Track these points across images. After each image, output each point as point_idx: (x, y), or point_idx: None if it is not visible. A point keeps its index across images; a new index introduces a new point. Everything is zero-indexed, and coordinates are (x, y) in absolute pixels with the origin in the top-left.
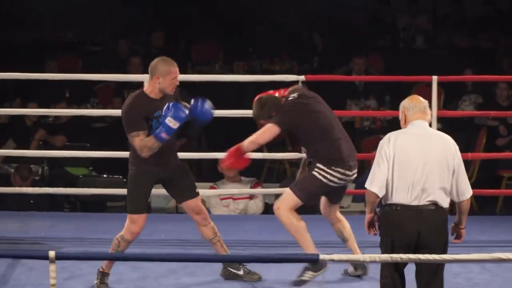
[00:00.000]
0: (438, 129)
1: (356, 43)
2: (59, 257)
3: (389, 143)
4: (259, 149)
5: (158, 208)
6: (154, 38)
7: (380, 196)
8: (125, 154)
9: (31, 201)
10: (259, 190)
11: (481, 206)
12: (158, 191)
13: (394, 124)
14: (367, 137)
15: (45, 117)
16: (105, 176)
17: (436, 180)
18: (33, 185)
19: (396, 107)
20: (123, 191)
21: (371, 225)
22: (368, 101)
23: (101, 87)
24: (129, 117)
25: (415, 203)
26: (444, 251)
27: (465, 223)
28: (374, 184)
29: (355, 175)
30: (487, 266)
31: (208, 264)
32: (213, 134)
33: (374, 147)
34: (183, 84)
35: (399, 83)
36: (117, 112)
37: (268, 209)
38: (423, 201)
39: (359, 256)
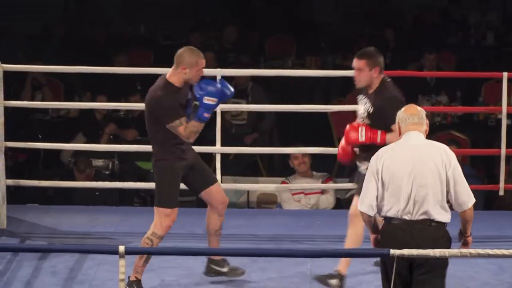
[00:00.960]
0: (508, 125)
1: (427, 40)
2: (128, 252)
3: (378, 159)
4: (331, 144)
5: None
6: (226, 32)
7: (371, 215)
8: (197, 148)
9: (97, 193)
10: (330, 185)
11: None
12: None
13: (466, 120)
14: (438, 133)
15: (116, 111)
16: None
17: (428, 193)
18: (96, 178)
19: (467, 103)
20: None
21: (377, 244)
22: (439, 97)
23: None
24: (167, 108)
25: (407, 217)
26: (442, 269)
27: (470, 231)
28: (363, 203)
29: None
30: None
31: (277, 259)
32: (284, 129)
33: (445, 142)
34: (257, 79)
35: (470, 79)
36: None
37: (339, 203)
38: (415, 215)
39: (428, 251)
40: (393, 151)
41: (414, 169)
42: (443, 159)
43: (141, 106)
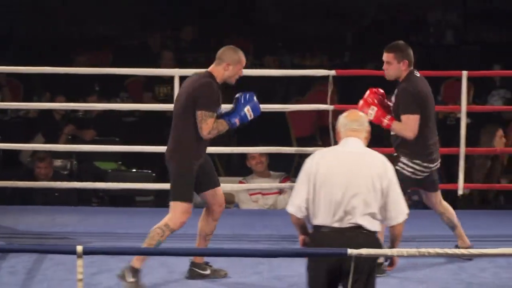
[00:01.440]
0: (467, 124)
1: (386, 38)
2: (86, 252)
3: (313, 162)
4: (289, 143)
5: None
6: (184, 32)
7: (299, 217)
8: (154, 148)
9: (56, 194)
10: (288, 185)
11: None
12: None
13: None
14: None
15: (74, 111)
16: (134, 170)
17: (360, 202)
18: (55, 178)
19: None
20: (152, 186)
21: (305, 246)
22: None
23: (131, 81)
24: (212, 97)
25: (337, 225)
26: (370, 278)
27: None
28: (292, 204)
29: (438, 165)
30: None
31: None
32: (243, 128)
33: None
34: None
35: (429, 78)
36: (146, 106)
37: None
38: (346, 223)
39: (386, 250)
40: (329, 156)
41: (348, 177)
42: (379, 170)
43: (99, 106)
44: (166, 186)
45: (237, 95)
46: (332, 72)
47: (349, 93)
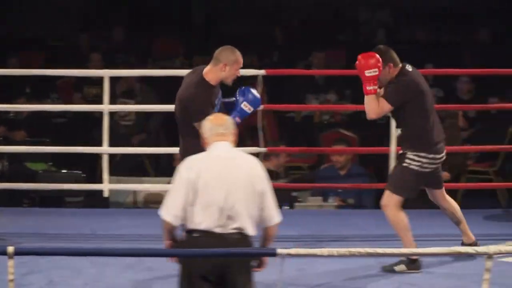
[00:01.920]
0: None
1: (316, 38)
2: (17, 253)
3: (189, 168)
4: None
5: (116, 203)
6: (114, 33)
7: (176, 224)
8: (84, 149)
9: None
10: None
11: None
12: (118, 186)
13: (355, 118)
14: (327, 131)
15: (6, 112)
16: (64, 171)
17: (242, 206)
18: None
19: (357, 101)
20: (82, 186)
21: None
22: (328, 95)
23: (61, 82)
24: (198, 105)
25: (218, 230)
26: (249, 282)
27: None
28: (168, 212)
29: (444, 156)
30: (444, 260)
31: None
32: (171, 129)
33: (334, 141)
34: (143, 79)
35: (359, 78)
36: (77, 107)
37: None
38: (228, 228)
39: (316, 250)
40: (205, 163)
41: (228, 182)
42: (256, 173)
43: (29, 107)
44: (96, 186)
45: (237, 91)
46: (262, 72)
47: (278, 92)
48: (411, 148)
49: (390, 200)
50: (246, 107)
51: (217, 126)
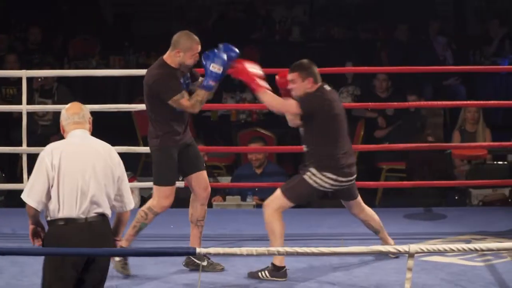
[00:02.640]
0: None
1: (230, 36)
2: None
3: (50, 155)
4: (135, 143)
5: None
6: (31, 33)
7: (39, 209)
8: (2, 149)
9: None
10: (135, 184)
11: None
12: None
13: (271, 117)
14: (243, 130)
15: None
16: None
17: (102, 191)
18: None
19: None
20: (2, 186)
21: (35, 235)
22: (244, 94)
23: None
24: (166, 84)
25: (83, 215)
26: (108, 264)
27: (121, 235)
28: (32, 198)
29: (354, 179)
30: (366, 259)
31: None
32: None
33: (250, 139)
34: (61, 79)
35: (275, 75)
36: None
37: (144, 202)
38: (91, 213)
39: (235, 249)
40: (66, 150)
41: (89, 168)
42: (112, 158)
43: None
44: (16, 186)
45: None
46: None
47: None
48: (315, 164)
49: (276, 202)
50: (214, 68)
51: (73, 115)
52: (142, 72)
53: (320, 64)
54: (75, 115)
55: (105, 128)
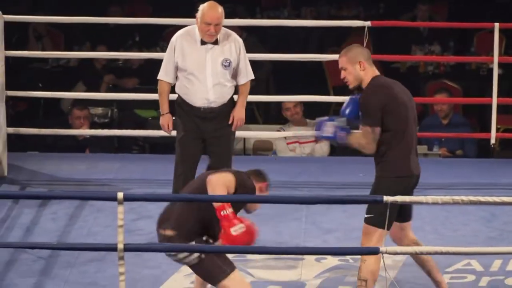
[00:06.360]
0: (499, 75)
1: None
2: (127, 198)
3: None
4: (326, 92)
5: None
6: None
7: None
8: None
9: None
10: None
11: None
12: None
13: (458, 69)
14: (431, 82)
15: (115, 60)
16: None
17: None
18: (95, 126)
19: (459, 53)
20: None
21: None
22: (432, 47)
23: (170, 31)
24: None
25: None
26: None
27: None
28: None
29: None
30: None
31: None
32: (280, 77)
33: (436, 90)
34: (252, 29)
35: (462, 30)
36: None
37: (334, 151)
38: None
39: (421, 198)
40: None
41: None
42: None
43: (139, 55)
44: None
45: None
46: (368, 23)
47: (383, 43)
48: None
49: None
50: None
51: None
52: (334, 23)
53: (504, 19)
54: None
55: (295, 77)
